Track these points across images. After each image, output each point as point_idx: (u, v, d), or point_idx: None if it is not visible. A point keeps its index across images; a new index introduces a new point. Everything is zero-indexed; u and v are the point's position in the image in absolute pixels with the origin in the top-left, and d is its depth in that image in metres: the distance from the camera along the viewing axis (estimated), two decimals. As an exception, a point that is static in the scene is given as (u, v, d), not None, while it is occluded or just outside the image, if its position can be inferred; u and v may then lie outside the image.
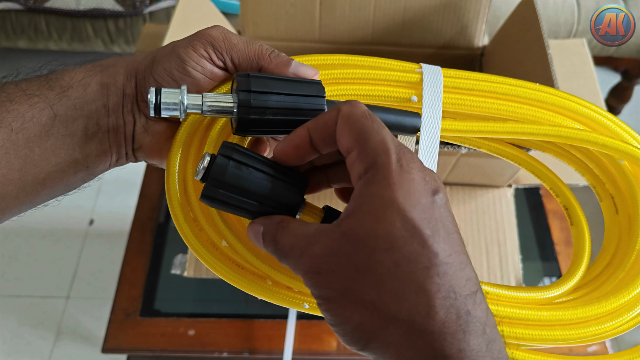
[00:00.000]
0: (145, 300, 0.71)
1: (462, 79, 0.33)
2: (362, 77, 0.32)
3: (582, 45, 0.70)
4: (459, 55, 0.72)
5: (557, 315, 0.31)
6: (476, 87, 0.33)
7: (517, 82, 0.34)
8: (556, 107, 0.34)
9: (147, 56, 0.31)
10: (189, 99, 0.28)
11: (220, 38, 0.30)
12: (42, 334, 1.20)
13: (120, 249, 0.78)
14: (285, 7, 0.68)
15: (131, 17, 1.29)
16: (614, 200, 0.36)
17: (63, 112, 0.29)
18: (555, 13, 1.23)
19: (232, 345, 0.67)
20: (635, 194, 0.34)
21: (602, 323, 0.31)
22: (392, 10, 0.68)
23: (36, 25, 1.30)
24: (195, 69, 0.30)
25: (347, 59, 0.33)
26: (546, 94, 0.34)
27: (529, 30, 0.59)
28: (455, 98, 0.33)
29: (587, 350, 0.67)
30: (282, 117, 0.28)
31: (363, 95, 0.32)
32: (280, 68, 0.30)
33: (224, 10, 0.72)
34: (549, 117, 0.33)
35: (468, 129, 0.33)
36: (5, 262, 1.31)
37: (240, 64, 0.30)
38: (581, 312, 0.31)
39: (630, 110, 1.62)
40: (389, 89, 0.32)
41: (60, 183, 0.30)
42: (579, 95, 0.67)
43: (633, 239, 0.34)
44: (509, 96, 0.33)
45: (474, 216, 0.63)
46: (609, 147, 0.33)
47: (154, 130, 0.31)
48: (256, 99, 0.28)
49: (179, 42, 0.30)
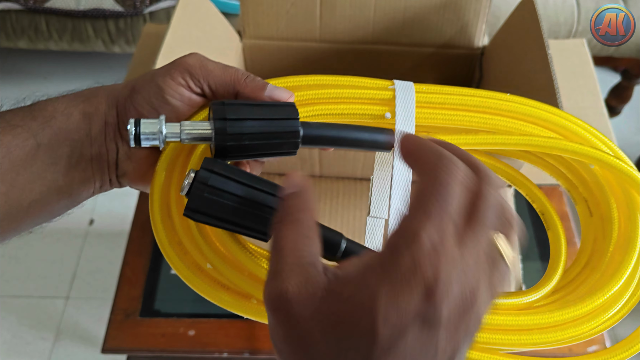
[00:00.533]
0: (145, 301, 0.71)
1: (434, 94, 0.34)
2: (336, 96, 0.33)
3: (582, 45, 0.70)
4: (459, 55, 0.72)
5: (535, 320, 0.31)
6: (448, 101, 0.34)
7: (488, 93, 0.34)
8: (527, 117, 0.34)
9: (127, 85, 0.32)
10: (168, 128, 0.29)
11: (197, 66, 0.31)
12: (41, 334, 1.20)
13: (120, 249, 0.78)
14: (286, 7, 0.68)
15: (131, 17, 1.29)
16: (587, 204, 0.36)
17: (46, 141, 0.30)
18: (555, 13, 1.23)
19: (233, 345, 0.67)
20: (607, 196, 0.35)
21: (579, 325, 0.32)
22: (393, 10, 0.68)
23: (36, 25, 1.30)
24: (174, 97, 0.30)
25: (321, 79, 0.33)
26: (516, 104, 0.34)
27: (529, 30, 0.59)
28: (427, 113, 0.33)
29: (587, 350, 0.67)
30: (258, 141, 0.29)
31: (337, 114, 0.33)
32: (256, 92, 0.31)
33: (224, 10, 0.72)
34: (520, 127, 0.34)
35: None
36: (5, 262, 1.31)
37: (217, 90, 0.31)
38: (558, 315, 0.32)
39: (630, 110, 1.62)
40: (363, 107, 0.33)
41: (44, 210, 0.31)
42: (579, 95, 0.67)
43: (607, 241, 0.35)
44: (480, 108, 0.34)
45: (474, 216, 0.63)
46: (578, 154, 0.34)
47: (137, 157, 0.32)
48: (232, 126, 0.28)
49: (158, 71, 0.31)
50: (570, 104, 0.63)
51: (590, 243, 0.36)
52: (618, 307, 0.33)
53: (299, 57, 0.74)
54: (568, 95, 0.64)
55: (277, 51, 0.74)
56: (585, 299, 0.32)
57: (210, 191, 0.26)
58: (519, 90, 0.61)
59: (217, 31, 0.66)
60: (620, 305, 0.33)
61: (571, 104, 0.63)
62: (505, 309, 0.32)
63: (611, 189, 0.35)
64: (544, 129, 0.34)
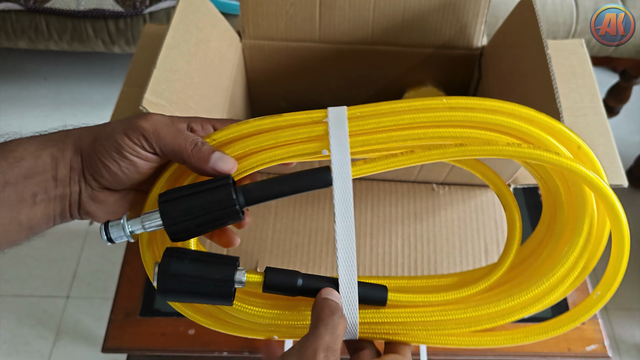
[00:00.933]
0: (145, 300, 0.71)
1: (366, 119, 0.34)
2: (274, 142, 0.35)
3: (581, 45, 0.70)
4: (458, 55, 0.72)
5: (484, 310, 0.35)
6: (380, 125, 0.34)
7: (422, 104, 0.34)
8: (461, 122, 0.34)
9: (91, 134, 0.35)
10: (131, 226, 0.34)
11: (150, 130, 0.33)
12: (42, 334, 1.21)
13: (120, 248, 0.78)
14: (285, 7, 0.68)
15: (131, 17, 1.29)
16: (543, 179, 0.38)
17: (14, 180, 0.32)
18: (553, 13, 1.23)
19: (232, 344, 0.68)
20: (559, 190, 0.36)
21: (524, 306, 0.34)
22: (392, 10, 0.68)
23: (36, 25, 1.31)
24: (131, 154, 0.34)
25: (260, 124, 0.35)
26: (448, 113, 0.33)
27: (527, 30, 0.59)
28: (361, 140, 0.34)
29: (586, 349, 0.67)
30: (204, 226, 0.33)
31: (277, 159, 0.35)
32: (200, 164, 0.34)
33: (223, 11, 0.72)
34: (455, 134, 0.33)
35: (379, 169, 0.34)
36: (5, 261, 1.31)
37: (167, 154, 0.34)
38: (504, 304, 0.34)
39: (629, 111, 1.63)
40: (300, 147, 0.34)
41: (4, 240, 0.33)
42: (577, 95, 0.67)
43: (555, 236, 0.36)
44: (413, 124, 0.34)
45: (473, 216, 0.64)
46: (514, 157, 0.33)
47: (100, 199, 0.35)
48: (176, 225, 0.33)
49: (117, 127, 0.34)
50: (568, 104, 0.63)
51: (547, 225, 0.38)
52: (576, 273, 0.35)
53: (298, 58, 0.75)
54: (567, 95, 0.64)
55: (276, 51, 0.74)
56: (544, 266, 0.35)
57: (173, 280, 0.32)
58: (517, 90, 0.61)
59: (217, 31, 0.66)
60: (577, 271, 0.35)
61: (570, 103, 0.64)
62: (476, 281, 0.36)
63: (556, 173, 0.36)
64: (480, 131, 0.34)
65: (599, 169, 0.34)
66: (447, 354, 0.68)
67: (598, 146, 0.60)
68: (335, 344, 0.31)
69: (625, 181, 0.58)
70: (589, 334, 0.68)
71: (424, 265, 0.60)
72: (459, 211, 0.64)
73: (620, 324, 1.26)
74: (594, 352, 0.67)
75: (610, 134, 0.61)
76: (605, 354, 0.67)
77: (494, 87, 0.67)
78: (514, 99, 0.61)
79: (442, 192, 0.44)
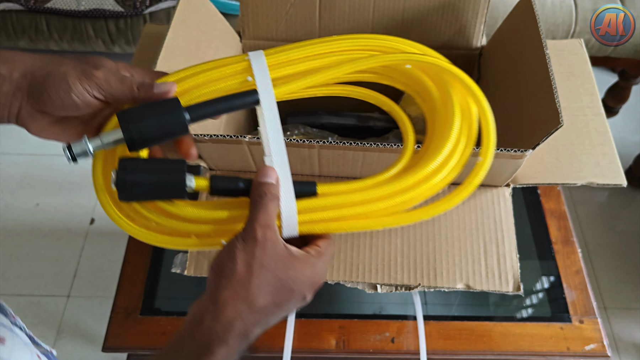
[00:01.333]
0: (145, 299, 0.72)
1: (280, 53, 0.44)
2: (208, 79, 0.42)
3: (580, 45, 0.70)
4: (458, 55, 0.72)
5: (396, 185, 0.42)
6: (290, 57, 0.44)
7: (318, 40, 0.45)
8: (352, 49, 0.45)
9: (44, 66, 0.38)
10: (92, 144, 0.38)
11: (102, 79, 0.38)
12: (42, 333, 1.21)
13: (121, 247, 0.78)
14: (285, 8, 0.68)
15: (131, 17, 1.29)
16: (419, 95, 0.48)
17: None
18: (553, 13, 1.24)
19: (232, 343, 0.68)
20: (424, 83, 0.46)
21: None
22: (392, 11, 0.69)
23: (37, 25, 1.31)
24: (78, 97, 0.37)
25: (193, 68, 0.43)
26: (339, 42, 0.45)
27: (527, 30, 0.59)
28: (278, 71, 0.43)
29: (585, 348, 0.67)
30: (157, 130, 0.38)
31: (211, 91, 0.42)
32: (147, 95, 0.39)
33: (223, 11, 0.73)
34: (348, 57, 0.45)
35: (298, 87, 0.43)
36: (6, 261, 1.31)
37: (118, 99, 0.39)
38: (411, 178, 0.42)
39: (628, 110, 1.63)
40: (230, 81, 0.42)
41: None
42: (577, 95, 0.67)
43: (437, 116, 0.44)
44: (317, 55, 0.45)
45: (472, 215, 0.64)
46: (392, 60, 0.45)
47: (36, 118, 0.39)
48: (134, 128, 0.37)
49: (71, 71, 0.37)
50: (567, 104, 0.64)
51: (431, 124, 0.46)
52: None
53: (298, 57, 0.75)
54: (566, 95, 0.64)
55: (276, 51, 0.74)
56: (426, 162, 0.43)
57: (129, 182, 0.37)
58: (516, 90, 0.61)
59: (217, 31, 0.66)
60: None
61: (569, 103, 0.64)
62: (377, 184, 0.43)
63: (428, 76, 0.46)
64: (367, 52, 0.45)
65: (457, 68, 0.44)
66: (447, 353, 0.68)
67: (597, 146, 0.60)
68: (270, 220, 0.37)
69: (625, 181, 0.58)
70: (588, 333, 0.68)
71: (423, 264, 0.60)
72: (459, 210, 0.64)
73: (619, 323, 1.26)
74: (593, 351, 0.67)
75: (609, 134, 0.62)
76: (604, 353, 0.67)
77: (493, 87, 0.67)
78: (513, 99, 0.61)
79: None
